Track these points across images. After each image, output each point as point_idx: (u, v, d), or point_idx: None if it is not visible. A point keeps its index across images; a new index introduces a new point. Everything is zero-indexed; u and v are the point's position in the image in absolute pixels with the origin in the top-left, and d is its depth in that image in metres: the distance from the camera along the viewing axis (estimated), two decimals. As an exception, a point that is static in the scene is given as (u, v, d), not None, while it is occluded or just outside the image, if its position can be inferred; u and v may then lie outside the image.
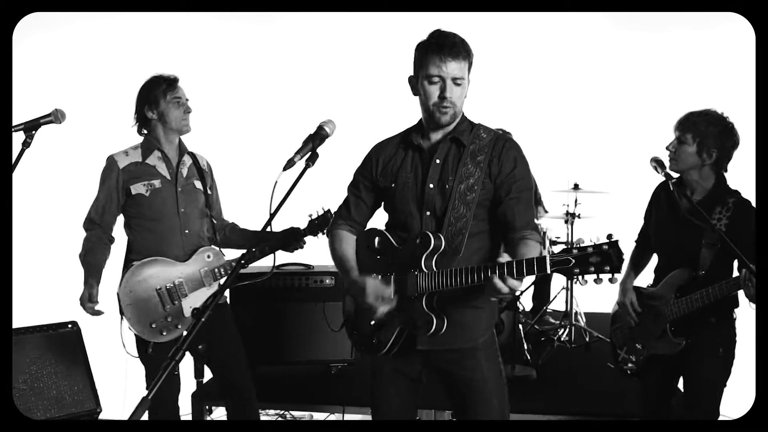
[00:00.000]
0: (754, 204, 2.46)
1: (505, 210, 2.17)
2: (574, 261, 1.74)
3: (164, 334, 2.85)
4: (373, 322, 2.27)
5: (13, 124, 2.30)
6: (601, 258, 1.72)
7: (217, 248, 2.99)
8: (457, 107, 2.19)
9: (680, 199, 2.61)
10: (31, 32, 5.82)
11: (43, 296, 4.53)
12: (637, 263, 2.88)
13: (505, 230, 2.20)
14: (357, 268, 2.31)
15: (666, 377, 2.75)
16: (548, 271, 1.77)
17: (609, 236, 1.75)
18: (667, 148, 2.65)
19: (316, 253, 3.75)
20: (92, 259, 2.96)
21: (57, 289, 5.18)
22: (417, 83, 2.20)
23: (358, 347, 2.42)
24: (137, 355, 2.92)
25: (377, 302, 2.18)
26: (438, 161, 2.21)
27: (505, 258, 1.89)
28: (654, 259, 2.87)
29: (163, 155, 2.95)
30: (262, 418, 3.90)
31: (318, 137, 1.95)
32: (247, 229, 3.21)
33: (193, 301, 2.89)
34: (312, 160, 1.93)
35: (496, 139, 2.22)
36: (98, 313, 2.92)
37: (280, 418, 3.99)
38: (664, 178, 2.61)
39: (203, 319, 1.66)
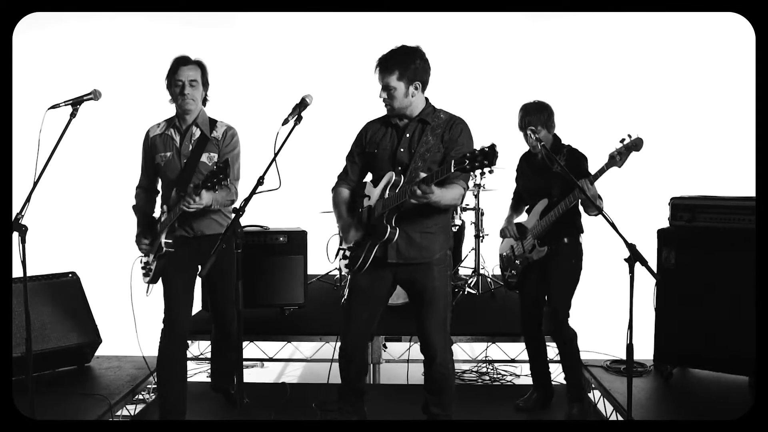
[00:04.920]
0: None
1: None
2: (468, 161, 2.53)
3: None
4: (350, 245, 3.16)
5: (54, 102, 3.01)
6: (483, 156, 2.50)
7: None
8: (395, 104, 3.03)
9: (548, 156, 3.59)
10: (34, 29, 6.54)
11: (47, 251, 5.06)
12: (515, 208, 3.94)
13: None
14: (346, 214, 3.22)
15: (537, 286, 3.73)
16: (452, 170, 2.59)
17: (491, 144, 2.52)
18: (521, 130, 3.63)
19: (272, 217, 4.64)
20: (137, 208, 3.52)
21: (59, 245, 5.77)
22: None
23: (346, 266, 3.20)
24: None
25: (346, 234, 3.17)
26: (408, 135, 3.08)
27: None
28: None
29: (177, 128, 3.39)
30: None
31: (302, 105, 2.85)
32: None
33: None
34: (298, 120, 2.82)
35: (450, 118, 3.10)
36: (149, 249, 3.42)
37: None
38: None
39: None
